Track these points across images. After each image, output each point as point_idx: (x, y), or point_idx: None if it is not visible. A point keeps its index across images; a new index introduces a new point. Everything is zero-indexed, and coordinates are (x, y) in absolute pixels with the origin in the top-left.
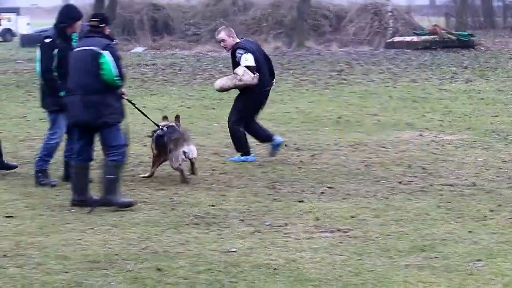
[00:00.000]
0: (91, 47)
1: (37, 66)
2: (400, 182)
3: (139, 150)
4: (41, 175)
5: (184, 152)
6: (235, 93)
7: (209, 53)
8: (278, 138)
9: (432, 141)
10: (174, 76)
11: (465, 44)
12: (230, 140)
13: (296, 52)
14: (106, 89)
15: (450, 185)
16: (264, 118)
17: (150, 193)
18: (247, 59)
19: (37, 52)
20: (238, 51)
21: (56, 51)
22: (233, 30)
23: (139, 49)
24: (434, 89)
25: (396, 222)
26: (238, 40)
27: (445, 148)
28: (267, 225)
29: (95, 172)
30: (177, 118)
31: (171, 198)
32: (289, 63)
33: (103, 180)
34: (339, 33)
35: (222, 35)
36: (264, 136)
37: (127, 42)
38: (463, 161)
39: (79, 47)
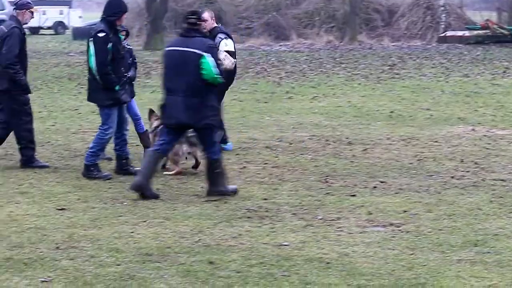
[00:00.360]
0: (194, 50)
1: (91, 61)
2: (452, 177)
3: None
4: (94, 169)
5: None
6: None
7: (261, 47)
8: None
9: (484, 135)
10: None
11: None
12: (282, 134)
13: (348, 46)
14: (208, 90)
15: (503, 180)
16: (317, 112)
17: (203, 187)
18: (227, 44)
19: (89, 47)
20: (220, 35)
21: (110, 45)
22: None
23: None
24: (487, 84)
25: (448, 217)
26: (216, 25)
27: (498, 143)
28: (320, 219)
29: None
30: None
31: None
32: (341, 57)
33: (210, 175)
34: (391, 28)
35: (205, 15)
36: None
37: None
38: None
39: (179, 47)
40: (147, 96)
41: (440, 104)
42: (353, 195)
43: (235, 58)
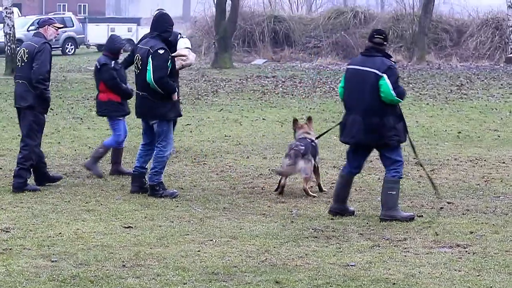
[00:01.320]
0: (373, 70)
1: (149, 76)
2: None
3: (259, 163)
4: (159, 188)
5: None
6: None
7: (329, 66)
8: None
9: None
10: (294, 88)
11: None
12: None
13: (416, 66)
14: (386, 110)
15: None
16: None
17: (270, 206)
18: (186, 43)
19: (148, 63)
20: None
21: (169, 62)
22: None
23: (259, 61)
24: None
25: None
26: None
27: None
28: (386, 239)
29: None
30: (309, 119)
31: (291, 211)
32: (409, 77)
33: (384, 196)
34: (459, 48)
35: None
36: None
37: (247, 54)
38: None
39: (359, 66)
40: (215, 114)
41: (508, 125)
42: (420, 216)
43: None
